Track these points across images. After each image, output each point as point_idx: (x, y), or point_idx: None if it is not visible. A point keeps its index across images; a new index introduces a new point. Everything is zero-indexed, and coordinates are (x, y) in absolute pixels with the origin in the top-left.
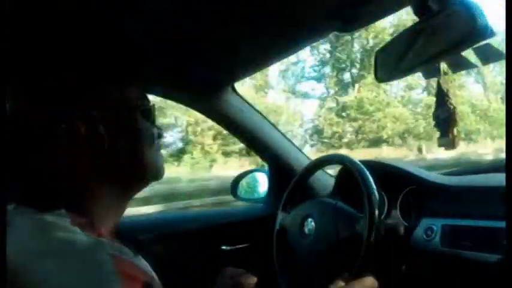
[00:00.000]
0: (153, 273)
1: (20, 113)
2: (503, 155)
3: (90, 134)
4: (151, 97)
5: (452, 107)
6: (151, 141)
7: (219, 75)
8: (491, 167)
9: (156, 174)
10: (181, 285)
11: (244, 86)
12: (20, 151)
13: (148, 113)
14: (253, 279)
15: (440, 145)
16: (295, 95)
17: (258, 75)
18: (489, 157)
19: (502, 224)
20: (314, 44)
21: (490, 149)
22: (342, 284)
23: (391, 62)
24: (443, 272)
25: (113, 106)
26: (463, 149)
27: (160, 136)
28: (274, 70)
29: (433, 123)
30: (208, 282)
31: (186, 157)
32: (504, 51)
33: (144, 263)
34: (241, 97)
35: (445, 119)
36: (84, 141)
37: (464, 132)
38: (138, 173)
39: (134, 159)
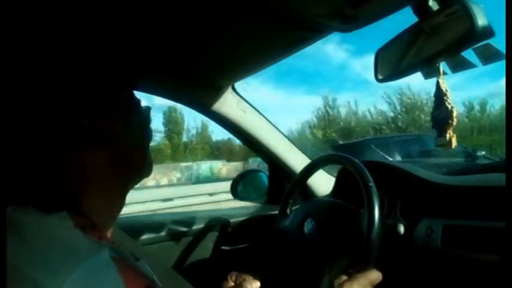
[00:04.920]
0: (154, 277)
1: (22, 113)
2: None
3: (92, 135)
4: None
5: (450, 107)
6: (148, 140)
7: (219, 75)
8: (491, 167)
9: (149, 170)
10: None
11: None
12: (22, 152)
13: (146, 112)
14: (257, 284)
15: (437, 145)
16: None
17: None
18: None
19: (502, 224)
20: None
21: None
22: (345, 277)
23: (391, 62)
24: (443, 272)
25: (112, 107)
26: None
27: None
28: None
29: (431, 123)
30: (208, 282)
31: None
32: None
33: (145, 267)
34: (241, 97)
35: (442, 119)
36: (87, 142)
37: None
38: (136, 172)
39: (134, 159)
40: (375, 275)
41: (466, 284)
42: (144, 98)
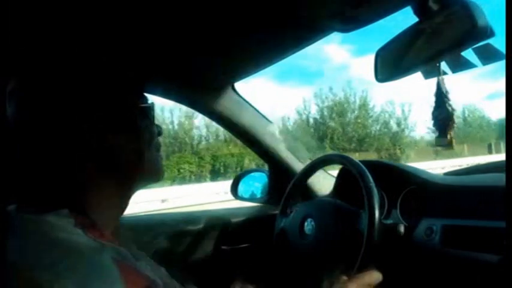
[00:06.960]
0: (155, 277)
1: (22, 114)
2: None
3: (92, 134)
4: (151, 96)
5: (450, 108)
6: (151, 139)
7: (219, 75)
8: (491, 167)
9: (156, 174)
10: (182, 285)
11: None
12: (22, 152)
13: (148, 111)
14: None
15: (437, 145)
16: None
17: None
18: None
19: (502, 224)
20: None
21: None
22: (345, 278)
23: (391, 62)
24: (443, 272)
25: (113, 106)
26: None
27: (159, 134)
28: None
29: (431, 123)
30: (209, 282)
31: None
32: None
33: (145, 267)
34: (241, 97)
35: (443, 120)
36: (87, 142)
37: None
38: (139, 172)
39: (135, 158)
40: (375, 276)
41: (466, 284)
42: None
